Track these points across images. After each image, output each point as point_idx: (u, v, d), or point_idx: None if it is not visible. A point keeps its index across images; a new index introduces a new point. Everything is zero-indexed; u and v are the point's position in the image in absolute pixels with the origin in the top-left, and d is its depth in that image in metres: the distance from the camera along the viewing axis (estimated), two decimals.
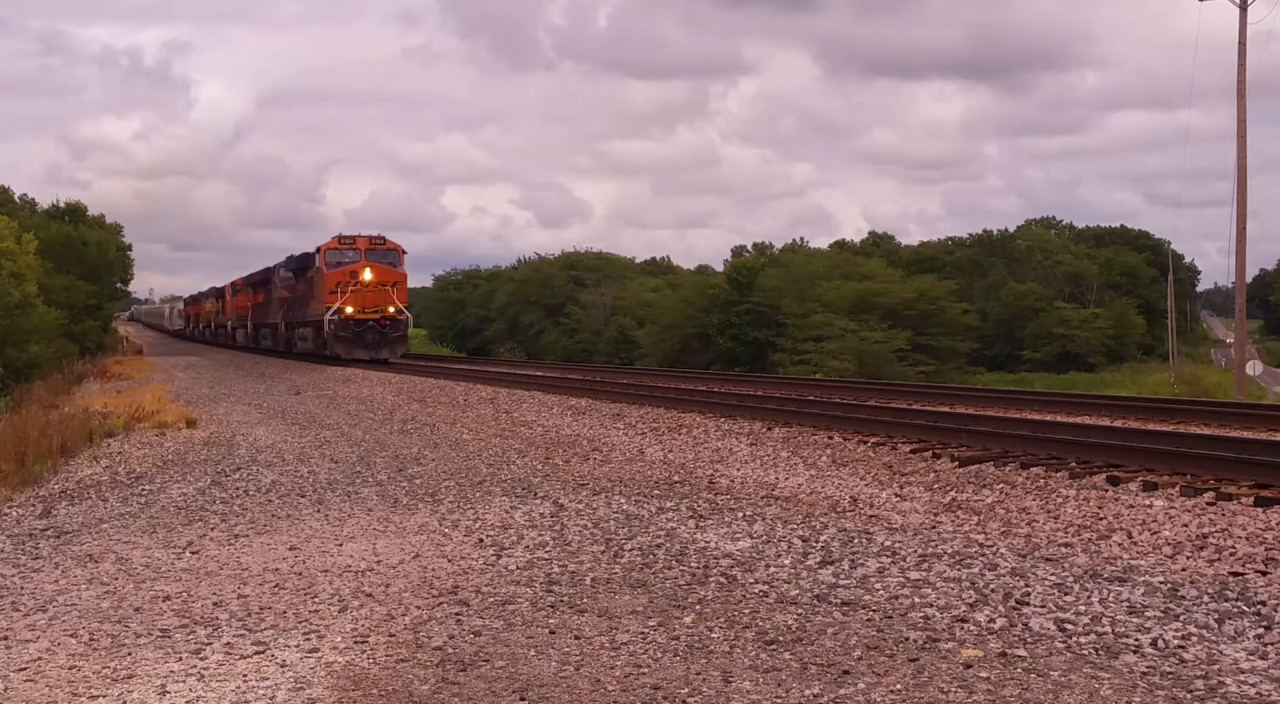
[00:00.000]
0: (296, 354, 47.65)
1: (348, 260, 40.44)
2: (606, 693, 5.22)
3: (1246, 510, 8.57)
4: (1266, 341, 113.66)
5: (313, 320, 42.92)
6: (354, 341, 39.80)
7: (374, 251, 40.89)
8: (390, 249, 41.55)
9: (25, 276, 43.49)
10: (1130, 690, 5.07)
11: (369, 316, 40.00)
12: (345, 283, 39.62)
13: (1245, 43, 36.01)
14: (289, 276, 48.87)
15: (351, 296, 39.53)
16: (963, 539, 8.27)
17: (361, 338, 39.93)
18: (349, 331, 39.76)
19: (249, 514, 10.53)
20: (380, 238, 41.43)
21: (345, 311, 39.62)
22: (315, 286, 42.23)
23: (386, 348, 40.46)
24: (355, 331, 39.80)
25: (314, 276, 42.38)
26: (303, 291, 45.60)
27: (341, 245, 41.08)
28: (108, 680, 5.61)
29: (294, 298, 47.83)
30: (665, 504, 10.10)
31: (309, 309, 43.83)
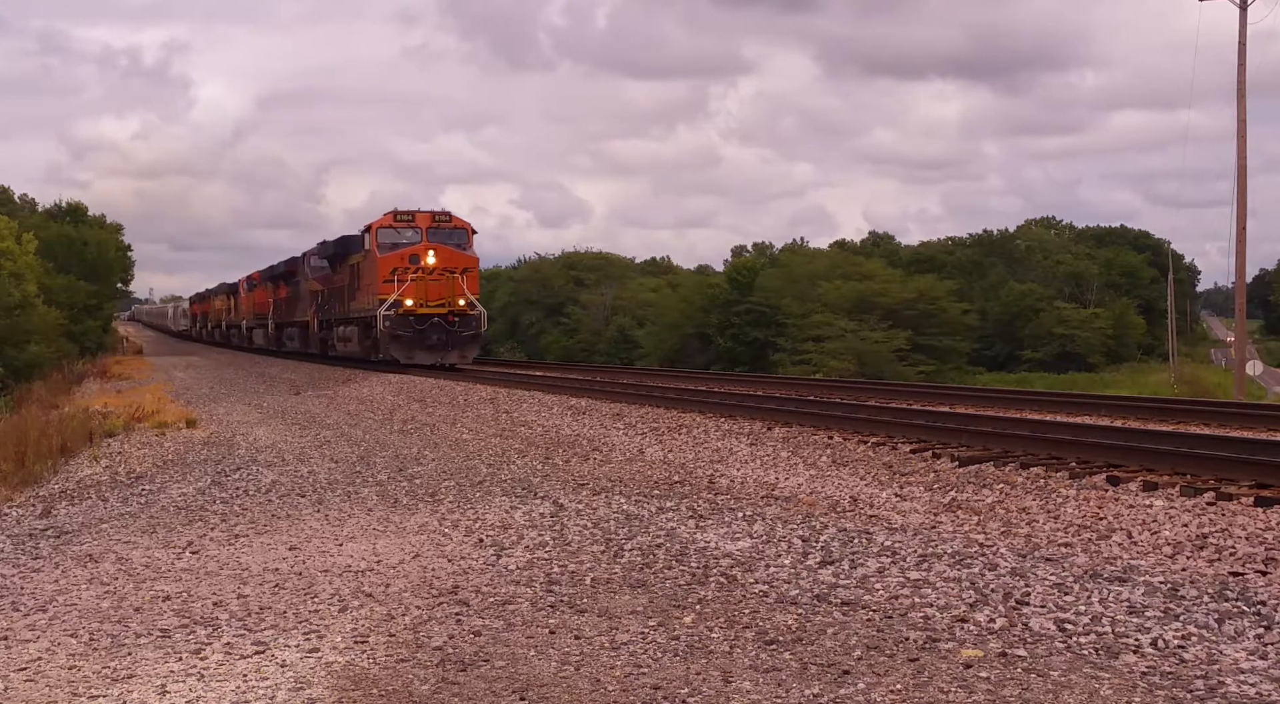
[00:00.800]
0: (335, 359, 40.22)
1: (406, 241, 33.17)
2: (606, 693, 5.22)
3: (1246, 510, 8.57)
4: (1266, 342, 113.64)
5: (359, 316, 35.67)
6: (415, 342, 32.35)
7: (438, 230, 33.51)
8: (458, 227, 34.09)
9: (25, 276, 43.49)
10: (1130, 690, 5.07)
11: (434, 311, 32.43)
12: (403, 269, 32.31)
13: (1245, 43, 36.04)
14: (323, 266, 42.06)
15: (412, 286, 32.12)
16: (963, 539, 8.27)
17: (424, 338, 32.38)
18: (409, 330, 32.30)
19: (249, 514, 10.53)
20: (445, 213, 34.09)
21: (405, 304, 32.09)
22: (363, 274, 34.73)
23: (456, 350, 32.88)
24: (417, 330, 32.31)
25: (362, 263, 34.99)
26: (343, 282, 38.30)
27: (398, 223, 33.60)
28: (108, 680, 5.61)
29: (331, 290, 40.65)
30: (665, 504, 10.10)
31: (354, 303, 36.50)
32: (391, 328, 32.35)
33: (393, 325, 32.34)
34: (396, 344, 32.54)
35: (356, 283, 36.08)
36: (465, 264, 33.27)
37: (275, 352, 53.22)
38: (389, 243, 33.34)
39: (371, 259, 33.57)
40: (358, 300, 35.95)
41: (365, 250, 34.33)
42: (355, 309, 36.45)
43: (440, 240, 33.22)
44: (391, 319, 32.32)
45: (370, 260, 33.74)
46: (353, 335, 36.85)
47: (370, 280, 33.78)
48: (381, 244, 33.34)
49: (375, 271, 33.01)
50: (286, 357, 48.95)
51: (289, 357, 48.57)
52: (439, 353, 32.60)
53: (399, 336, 32.43)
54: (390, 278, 32.38)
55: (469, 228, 34.42)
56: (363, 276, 34.93)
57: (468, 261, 33.52)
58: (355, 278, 36.17)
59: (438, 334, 32.53)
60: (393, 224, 33.65)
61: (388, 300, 32.25)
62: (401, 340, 32.50)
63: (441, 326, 32.55)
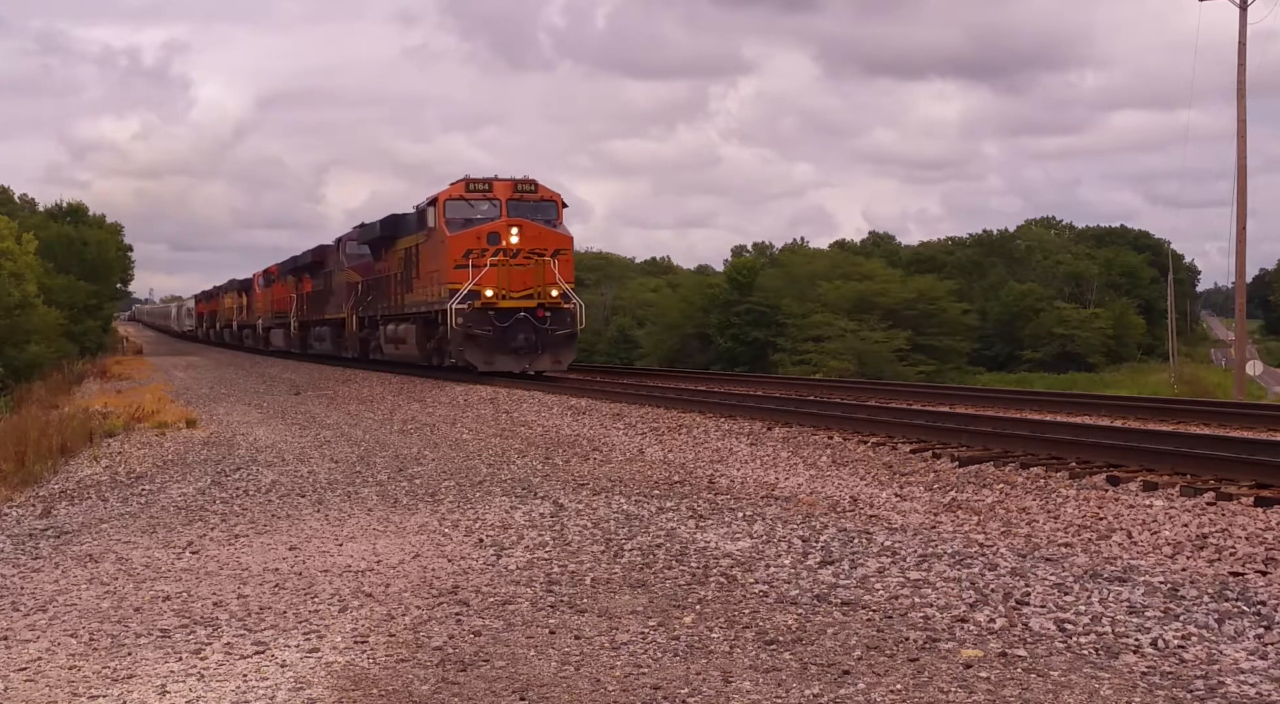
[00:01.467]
0: (381, 364, 34.13)
1: (481, 216, 27.01)
2: (606, 693, 5.22)
3: (1246, 510, 8.57)
4: (1266, 342, 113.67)
5: (417, 312, 29.64)
6: (496, 344, 26.08)
7: (521, 202, 27.14)
8: (546, 199, 27.59)
9: (25, 276, 43.51)
10: (1130, 690, 5.07)
11: (519, 303, 26.14)
12: (480, 251, 26.20)
13: (1245, 43, 36.05)
14: (363, 253, 35.87)
15: (492, 272, 25.97)
16: (963, 539, 8.27)
17: (508, 337, 26.11)
18: (487, 327, 26.01)
19: (249, 514, 10.53)
20: (529, 181, 27.55)
21: (484, 295, 25.94)
22: (424, 259, 28.71)
23: (548, 353, 26.51)
24: (499, 327, 25.99)
25: (422, 245, 28.86)
26: (392, 270, 32.22)
27: (471, 194, 27.21)
28: (108, 680, 5.61)
29: (375, 281, 34.24)
30: (665, 504, 10.10)
31: (410, 295, 30.25)
32: (466, 325, 25.94)
33: (468, 322, 25.93)
34: (473, 346, 26.09)
35: (413, 270, 29.70)
36: (557, 244, 26.90)
37: (299, 355, 47.39)
38: (460, 218, 26.96)
39: (438, 239, 27.27)
40: (416, 292, 29.54)
41: (429, 229, 27.98)
42: (412, 303, 29.95)
43: (525, 215, 26.87)
44: (466, 314, 25.90)
45: (436, 241, 27.46)
46: (407, 335, 30.49)
47: (436, 266, 27.49)
48: (451, 220, 26.94)
49: (444, 254, 26.73)
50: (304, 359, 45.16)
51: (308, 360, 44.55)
52: (526, 357, 26.27)
53: (476, 336, 26.02)
54: (463, 262, 26.07)
55: (558, 199, 27.83)
56: (423, 262, 28.74)
57: (560, 241, 27.05)
58: (411, 264, 29.89)
59: (525, 333, 26.10)
60: (464, 195, 27.11)
61: (460, 290, 25.93)
62: (479, 341, 26.05)
63: (529, 323, 26.10)
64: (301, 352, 47.24)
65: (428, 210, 28.35)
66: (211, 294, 79.11)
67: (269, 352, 53.83)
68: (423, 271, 28.93)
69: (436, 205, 27.61)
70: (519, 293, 26.22)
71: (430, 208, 28.13)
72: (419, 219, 29.42)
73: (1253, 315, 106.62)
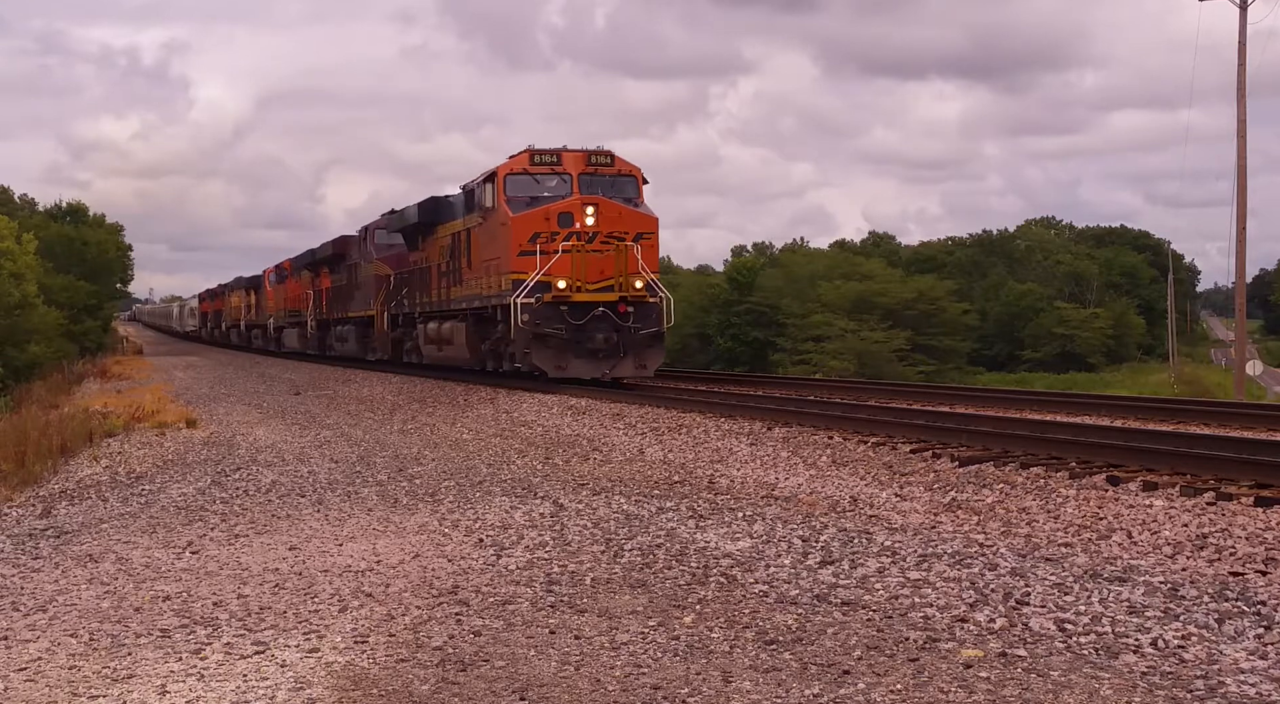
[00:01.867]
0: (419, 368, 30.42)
1: (550, 194, 22.80)
2: (606, 693, 5.22)
3: (1246, 510, 8.57)
4: (1266, 341, 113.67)
5: (468, 307, 25.36)
6: (569, 344, 21.96)
7: (596, 177, 22.90)
8: (625, 174, 23.31)
9: (25, 276, 43.52)
10: (1130, 690, 5.07)
11: (597, 296, 21.98)
12: (548, 235, 22.04)
13: (1245, 43, 36.05)
14: (394, 242, 32.23)
15: (565, 259, 21.87)
16: (963, 539, 8.27)
17: (585, 337, 21.89)
18: (559, 325, 21.88)
19: (249, 514, 10.53)
20: (605, 153, 23.32)
21: (556, 287, 21.75)
22: (479, 245, 24.59)
23: (631, 356, 22.24)
24: (573, 325, 21.84)
25: (476, 229, 24.67)
26: (431, 261, 28.39)
27: (536, 166, 23.02)
28: (108, 680, 5.61)
29: (411, 274, 30.55)
30: (665, 504, 10.10)
31: (458, 288, 26.20)
32: (534, 322, 21.80)
33: (535, 318, 21.79)
34: (542, 347, 21.97)
35: (463, 259, 25.79)
36: (640, 226, 22.57)
37: (316, 356, 43.46)
38: (524, 196, 22.83)
39: (497, 221, 23.17)
40: (466, 284, 25.48)
41: (485, 209, 23.89)
42: (461, 297, 25.87)
43: (601, 191, 22.67)
44: (533, 309, 21.75)
45: (494, 224, 23.38)
46: (454, 334, 26.53)
47: (494, 253, 23.42)
48: (514, 199, 22.79)
49: (505, 239, 22.63)
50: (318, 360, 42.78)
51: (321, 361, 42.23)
52: (606, 361, 22.04)
53: (546, 336, 21.88)
54: (530, 248, 21.95)
55: (638, 173, 23.53)
56: (476, 249, 24.74)
57: (643, 222, 22.70)
58: (459, 253, 26.00)
59: (604, 332, 21.88)
60: (528, 169, 23.00)
61: (526, 281, 21.78)
62: (549, 341, 21.93)
63: (609, 320, 21.91)
64: (320, 353, 43.13)
65: (483, 188, 24.08)
66: (216, 292, 74.98)
67: (281, 353, 49.93)
68: (476, 260, 24.73)
69: (495, 181, 23.26)
70: (596, 284, 22.02)
71: (487, 185, 23.79)
72: (468, 200, 25.57)
73: (1253, 315, 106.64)
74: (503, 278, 22.92)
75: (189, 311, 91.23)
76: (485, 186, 24.11)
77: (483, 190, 24.28)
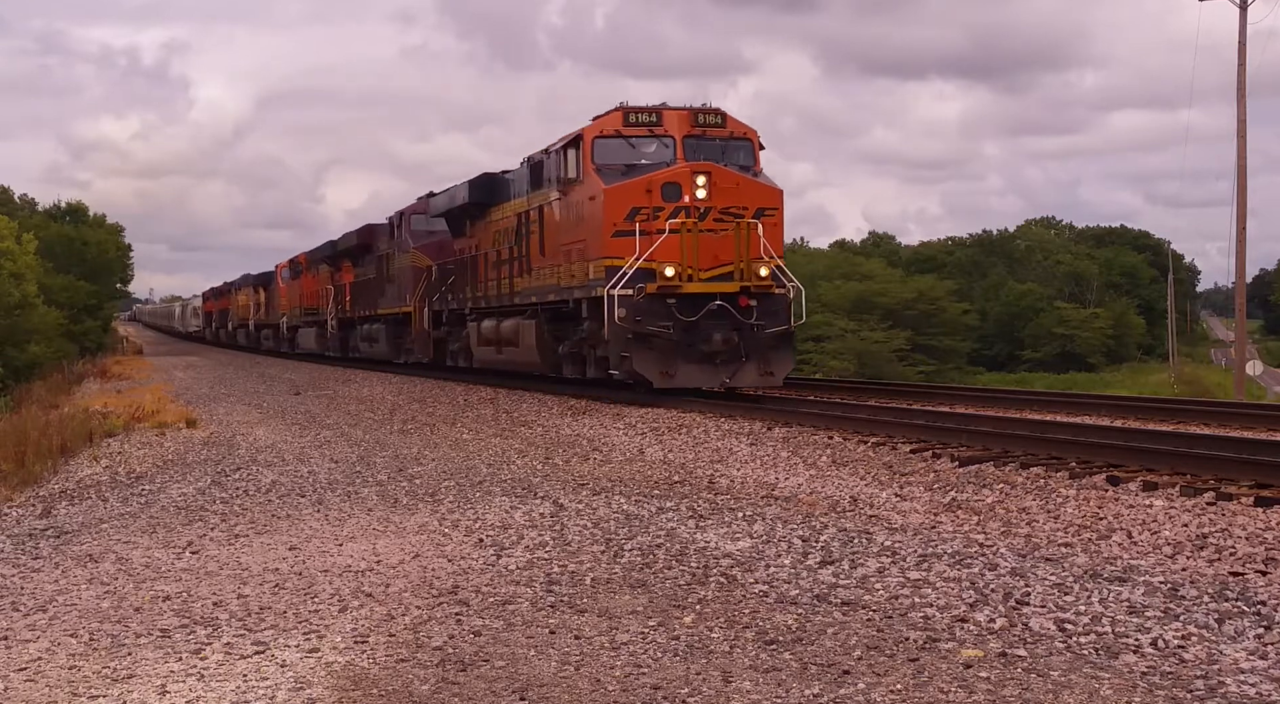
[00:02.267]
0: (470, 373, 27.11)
1: (649, 161, 18.89)
2: (606, 693, 5.23)
3: (1246, 510, 8.57)
4: (1266, 341, 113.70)
5: (541, 301, 21.29)
6: (677, 345, 17.99)
7: (704, 141, 18.95)
8: (739, 137, 19.32)
9: (25, 276, 43.56)
10: (1130, 690, 5.07)
11: (712, 286, 18.13)
12: (651, 211, 18.16)
13: (1245, 43, 36.06)
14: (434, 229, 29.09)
15: (672, 241, 18.02)
16: (963, 539, 8.27)
17: (697, 337, 17.97)
18: (665, 322, 17.92)
19: (249, 514, 10.53)
20: (714, 112, 19.26)
21: (662, 275, 17.91)
22: (557, 225, 20.53)
23: (754, 361, 18.17)
24: (683, 322, 17.93)
25: (553, 205, 20.62)
26: (487, 247, 24.70)
27: (631, 128, 18.96)
28: (108, 680, 5.61)
29: (460, 263, 26.77)
30: (665, 504, 10.10)
31: (526, 279, 22.11)
32: (635, 319, 17.77)
33: (636, 314, 17.78)
34: (643, 350, 17.91)
35: (531, 244, 21.74)
36: (763, 200, 18.59)
37: (336, 359, 40.56)
38: (618, 164, 18.90)
39: (583, 195, 19.23)
40: (538, 274, 21.50)
41: (565, 182, 19.77)
42: (529, 289, 21.94)
43: (711, 157, 18.76)
44: (633, 303, 17.77)
45: (579, 198, 19.42)
46: (520, 334, 22.33)
47: (578, 234, 19.52)
48: (605, 167, 18.83)
49: (594, 215, 18.74)
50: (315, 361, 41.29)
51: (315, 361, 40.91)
52: (725, 367, 18.06)
53: (650, 336, 17.84)
54: (627, 227, 18.07)
55: (754, 136, 19.51)
56: (552, 230, 20.76)
57: (765, 195, 18.73)
58: (526, 236, 22.03)
59: (722, 331, 17.86)
60: (621, 131, 18.95)
61: (623, 268, 17.85)
62: (653, 343, 17.90)
63: (727, 316, 17.90)
64: (342, 355, 39.89)
65: (562, 156, 19.86)
66: (222, 291, 70.69)
67: (296, 355, 46.38)
68: (550, 244, 20.76)
69: (580, 147, 19.18)
70: (711, 271, 18.12)
71: (569, 151, 19.65)
72: (534, 174, 21.65)
73: (1253, 315, 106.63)
74: (590, 265, 18.91)
75: (192, 311, 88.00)
76: (566, 154, 19.71)
77: (561, 159, 19.92)
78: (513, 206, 23.29)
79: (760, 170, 19.42)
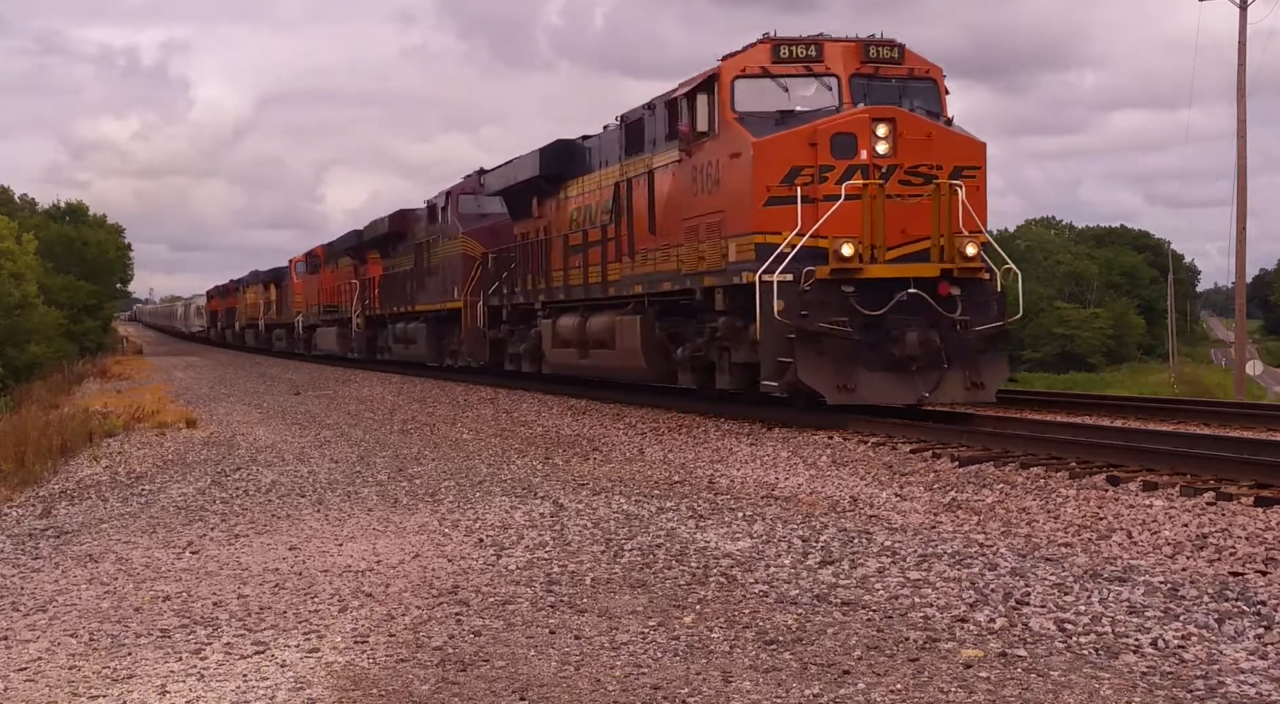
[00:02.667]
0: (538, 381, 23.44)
1: (807, 107, 14.77)
2: (607, 693, 5.23)
3: (1246, 510, 8.57)
4: (1266, 342, 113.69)
5: (647, 293, 17.44)
6: (856, 350, 13.75)
7: (876, 81, 14.92)
8: (920, 76, 15.24)
9: (25, 277, 43.59)
10: (1130, 690, 5.07)
11: (905, 268, 14.00)
12: (816, 171, 14.05)
13: (1245, 43, 36.03)
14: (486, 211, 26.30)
15: (849, 209, 13.86)
16: (963, 539, 8.27)
17: (885, 337, 13.78)
18: (840, 316, 13.72)
19: (249, 514, 10.53)
20: (888, 43, 15.23)
21: (839, 254, 13.78)
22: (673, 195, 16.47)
23: (960, 368, 13.97)
24: (864, 316, 13.74)
25: (668, 170, 16.60)
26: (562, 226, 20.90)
27: (782, 64, 14.86)
28: (108, 680, 5.61)
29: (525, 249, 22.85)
30: (665, 504, 10.10)
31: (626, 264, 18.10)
32: (799, 312, 13.72)
33: (802, 306, 13.73)
34: (812, 353, 13.73)
35: (635, 219, 17.59)
36: (962, 156, 14.54)
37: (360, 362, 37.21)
38: (768, 112, 14.68)
39: (720, 151, 14.99)
40: (643, 258, 17.33)
41: (696, 134, 15.44)
42: (630, 278, 17.79)
43: (891, 100, 14.68)
44: (794, 292, 13.73)
45: (714, 155, 15.15)
46: (617, 334, 17.97)
47: (713, 203, 15.21)
48: (748, 115, 14.70)
49: (739, 176, 14.55)
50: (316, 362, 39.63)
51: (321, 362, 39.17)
52: (923, 377, 13.94)
53: (819, 334, 13.69)
54: (784, 191, 14.03)
55: (939, 76, 15.45)
56: (668, 201, 16.46)
57: (964, 150, 14.70)
58: (626, 210, 17.88)
59: (917, 328, 13.76)
60: (768, 69, 14.89)
61: (779, 246, 13.83)
62: (825, 344, 13.73)
63: (924, 308, 13.89)
64: (369, 357, 36.25)
65: (689, 103, 15.52)
66: (228, 289, 66.70)
67: (313, 357, 43.01)
68: (666, 220, 16.56)
69: (717, 89, 14.97)
70: (900, 249, 13.98)
71: (700, 96, 15.31)
72: (634, 135, 17.68)
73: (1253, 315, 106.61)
74: (731, 243, 14.63)
75: (195, 310, 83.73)
76: (694, 102, 15.30)
77: (686, 108, 15.59)
78: (599, 178, 19.40)
79: (950, 118, 15.17)
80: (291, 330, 48.07)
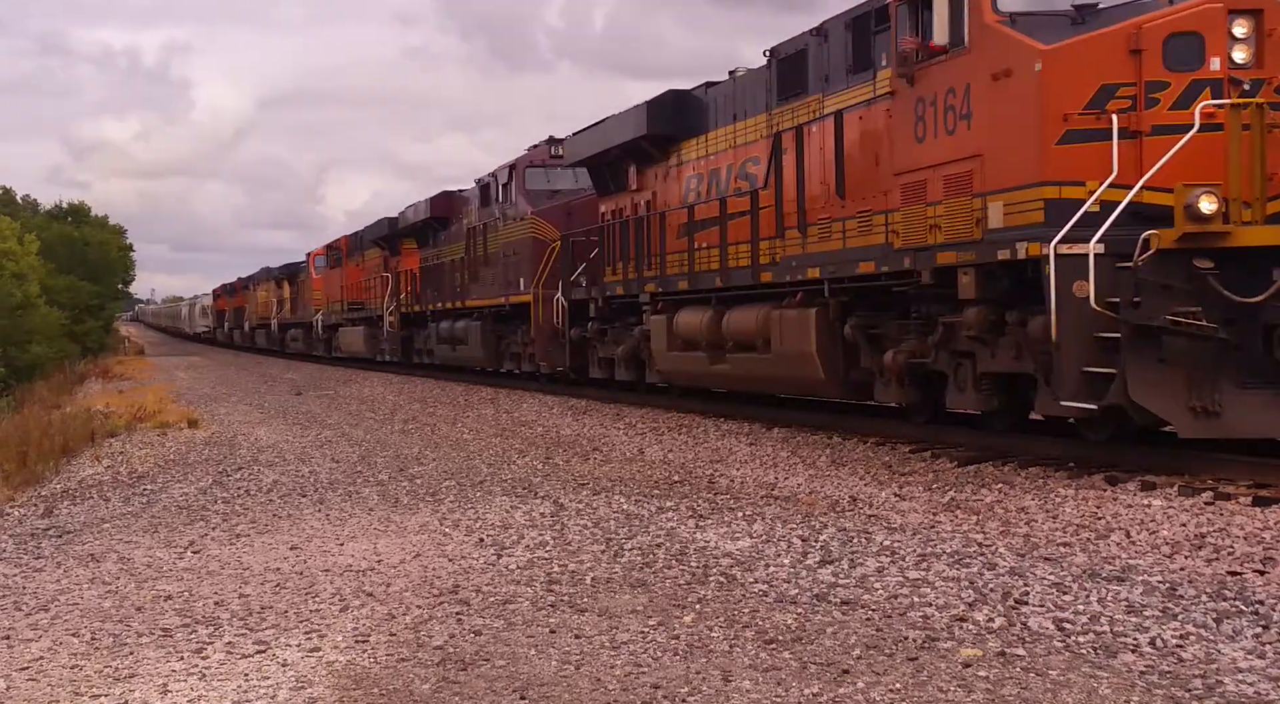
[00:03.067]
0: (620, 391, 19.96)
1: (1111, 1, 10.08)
2: (607, 692, 5.25)
3: (1244, 510, 8.58)
4: None
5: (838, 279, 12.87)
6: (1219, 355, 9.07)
7: None
8: None
9: (27, 277, 43.65)
10: (1129, 689, 5.09)
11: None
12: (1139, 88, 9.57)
13: None
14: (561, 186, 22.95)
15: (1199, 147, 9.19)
16: (961, 539, 8.29)
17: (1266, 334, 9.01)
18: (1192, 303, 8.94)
19: (250, 514, 10.55)
20: None
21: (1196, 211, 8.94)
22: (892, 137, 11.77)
23: None
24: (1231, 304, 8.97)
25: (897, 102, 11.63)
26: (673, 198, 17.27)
27: None
28: (110, 680, 5.64)
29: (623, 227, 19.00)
30: (665, 504, 10.12)
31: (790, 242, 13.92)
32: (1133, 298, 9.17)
33: (1135, 291, 9.17)
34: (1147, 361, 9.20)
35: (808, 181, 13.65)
36: None
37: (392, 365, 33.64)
38: (1052, 9, 10.41)
39: (975, 70, 10.51)
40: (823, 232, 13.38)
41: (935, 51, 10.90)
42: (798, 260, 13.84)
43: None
44: (1116, 270, 9.27)
45: (959, 77, 10.74)
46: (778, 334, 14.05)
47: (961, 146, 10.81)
48: (1018, 14, 10.37)
49: (1009, 106, 10.21)
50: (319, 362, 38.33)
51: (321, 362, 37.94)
52: None
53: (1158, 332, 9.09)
54: (1087, 122, 9.69)
55: None
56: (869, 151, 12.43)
57: None
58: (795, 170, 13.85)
59: None
60: None
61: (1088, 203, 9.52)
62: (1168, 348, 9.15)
63: None
64: (405, 361, 32.34)
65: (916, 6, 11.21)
66: (237, 287, 63.31)
67: (335, 359, 39.74)
68: (860, 177, 12.69)
69: None
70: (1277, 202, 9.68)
71: None
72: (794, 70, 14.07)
73: None
74: (992, 202, 10.54)
75: (201, 310, 79.78)
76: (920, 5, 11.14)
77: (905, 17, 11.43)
78: (731, 134, 15.57)
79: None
80: (309, 330, 44.01)
